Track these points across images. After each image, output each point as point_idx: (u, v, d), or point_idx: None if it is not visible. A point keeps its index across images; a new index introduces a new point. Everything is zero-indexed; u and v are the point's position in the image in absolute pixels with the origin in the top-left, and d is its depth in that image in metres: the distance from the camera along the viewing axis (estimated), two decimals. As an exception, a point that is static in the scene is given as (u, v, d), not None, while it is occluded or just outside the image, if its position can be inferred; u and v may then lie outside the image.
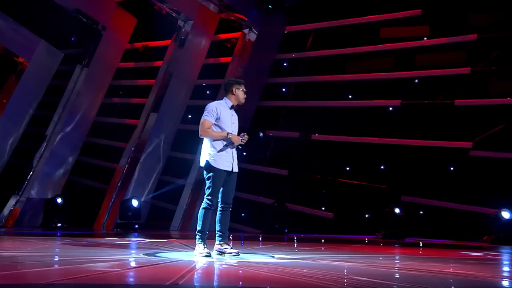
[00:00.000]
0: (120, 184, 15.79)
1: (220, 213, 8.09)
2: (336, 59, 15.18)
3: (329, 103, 14.99)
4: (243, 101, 8.30)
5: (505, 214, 11.98)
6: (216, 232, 8.10)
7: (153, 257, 8.27)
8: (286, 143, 15.30)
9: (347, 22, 14.97)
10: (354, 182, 14.49)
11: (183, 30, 15.74)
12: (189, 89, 15.66)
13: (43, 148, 15.49)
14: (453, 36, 13.73)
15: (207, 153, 8.08)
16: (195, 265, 7.31)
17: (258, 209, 14.89)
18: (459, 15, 13.71)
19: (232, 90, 8.13)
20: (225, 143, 8.13)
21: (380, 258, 9.55)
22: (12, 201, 15.12)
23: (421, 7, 13.97)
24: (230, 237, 8.99)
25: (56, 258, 8.55)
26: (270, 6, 14.76)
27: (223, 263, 7.64)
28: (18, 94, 15.57)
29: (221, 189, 8.18)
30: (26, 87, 15.62)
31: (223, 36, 16.05)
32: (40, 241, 11.61)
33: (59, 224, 14.41)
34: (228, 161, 8.13)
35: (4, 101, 15.80)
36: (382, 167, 14.37)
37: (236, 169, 8.25)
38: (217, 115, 8.01)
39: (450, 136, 13.42)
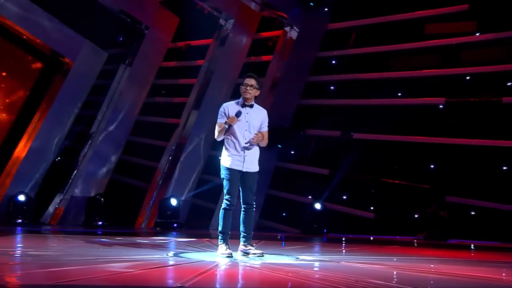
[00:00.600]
0: (160, 183, 15.95)
1: (243, 214, 8.15)
2: (380, 56, 15.07)
3: (371, 101, 14.81)
4: (244, 95, 8.11)
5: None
6: (240, 232, 8.16)
7: (175, 257, 8.37)
8: (327, 142, 15.12)
9: (391, 19, 14.82)
10: (396, 181, 14.35)
11: (224, 29, 15.75)
12: (230, 87, 15.61)
13: (87, 147, 15.60)
14: (501, 31, 13.33)
15: (222, 154, 8.26)
16: (211, 266, 7.32)
17: (297, 209, 14.87)
18: (507, 9, 13.29)
19: (241, 86, 8.21)
20: (234, 144, 8.06)
21: (412, 260, 9.33)
22: (57, 199, 15.41)
23: (468, 2, 13.60)
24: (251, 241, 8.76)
25: (75, 258, 8.54)
26: (311, 4, 14.68)
27: (240, 264, 7.70)
28: (64, 94, 15.80)
29: (240, 190, 8.21)
30: (71, 87, 15.83)
31: (265, 34, 16.06)
32: (75, 239, 11.79)
33: (100, 223, 14.64)
34: (239, 161, 8.10)
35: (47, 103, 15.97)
36: (425, 166, 14.14)
37: (250, 169, 8.19)
38: (225, 114, 8.01)
39: (498, 134, 13.04)
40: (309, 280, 6.69)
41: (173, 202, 14.80)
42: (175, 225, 14.61)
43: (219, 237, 8.15)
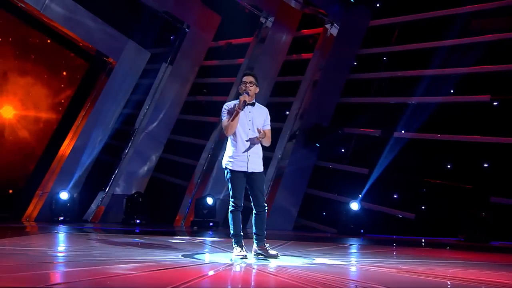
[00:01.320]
0: (199, 182, 16.11)
1: (255, 217, 8.18)
2: (423, 52, 14.75)
3: (413, 99, 14.45)
4: (244, 90, 8.00)
5: None
6: (253, 234, 8.21)
7: (187, 258, 8.38)
8: (367, 140, 15.01)
9: (436, 14, 14.58)
10: (438, 182, 14.02)
11: (264, 27, 16.02)
12: (270, 85, 15.78)
13: (129, 146, 16.09)
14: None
15: (225, 155, 8.32)
16: (217, 269, 7.38)
17: (335, 208, 14.74)
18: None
19: (240, 85, 8.21)
20: (238, 144, 8.05)
21: (432, 263, 9.10)
22: (99, 198, 15.96)
23: None
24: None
25: (83, 258, 8.58)
26: (352, 0, 14.58)
27: (243, 267, 7.66)
28: (107, 93, 16.57)
29: (250, 193, 8.24)
30: (114, 86, 16.62)
31: (305, 31, 15.97)
32: (102, 238, 12.09)
33: (138, 221, 14.85)
34: (243, 161, 8.09)
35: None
36: (470, 166, 13.70)
37: (255, 170, 8.16)
38: (227, 110, 8.07)
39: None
40: (304, 284, 6.44)
41: (209, 201, 14.91)
42: (211, 224, 14.75)
43: (233, 240, 8.19)
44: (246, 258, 8.03)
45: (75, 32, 16.09)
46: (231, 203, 8.12)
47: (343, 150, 15.77)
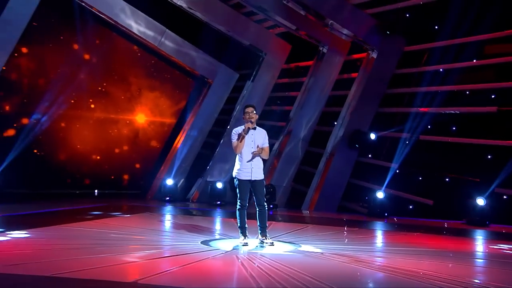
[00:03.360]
0: (269, 169, 16.09)
1: (258, 213, 8.48)
2: (447, 72, 14.82)
3: (441, 109, 14.58)
4: (249, 118, 8.35)
5: None
6: (258, 226, 8.55)
7: (201, 245, 8.71)
8: (397, 142, 14.96)
9: (454, 42, 14.57)
10: (453, 175, 14.20)
11: (322, 53, 16.26)
12: (325, 98, 16.27)
13: (220, 143, 17.09)
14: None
15: (234, 167, 8.58)
16: (208, 257, 7.72)
17: (369, 195, 14.66)
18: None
19: (243, 115, 8.51)
20: (243, 159, 8.35)
21: (397, 251, 9.02)
22: (197, 183, 16.74)
23: None
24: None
25: (113, 241, 8.95)
26: (388, 32, 14.99)
27: (238, 254, 7.95)
28: (207, 103, 17.47)
29: (253, 195, 8.51)
30: (212, 98, 17.44)
31: (353, 56, 16.28)
32: (173, 218, 12.52)
33: (219, 202, 15.27)
34: (248, 172, 8.40)
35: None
36: (479, 162, 13.81)
37: (257, 178, 8.45)
38: (234, 135, 8.36)
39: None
40: (260, 271, 6.82)
41: (271, 188, 15.03)
42: (271, 206, 14.52)
43: (239, 231, 8.58)
44: (247, 245, 8.41)
45: (183, 60, 17.01)
46: (238, 203, 8.47)
47: (379, 149, 15.54)
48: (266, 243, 8.45)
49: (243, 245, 8.37)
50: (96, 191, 17.94)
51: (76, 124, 17.41)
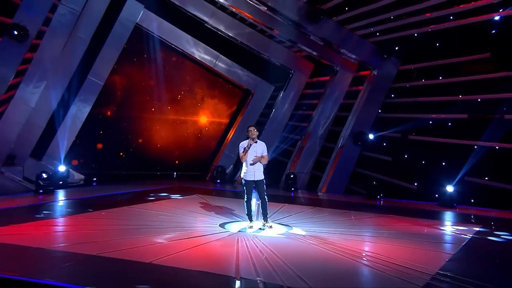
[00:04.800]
0: (294, 160, 16.52)
1: (261, 204, 8.68)
2: (431, 87, 14.85)
3: (425, 116, 14.36)
4: (252, 136, 8.49)
5: None
6: (261, 214, 8.71)
7: (217, 227, 8.65)
8: (393, 140, 15.06)
9: (438, 63, 14.46)
10: (432, 166, 13.90)
11: (335, 71, 16.21)
12: (337, 105, 16.15)
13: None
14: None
15: (242, 171, 8.70)
16: (216, 239, 7.69)
17: (367, 181, 14.74)
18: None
19: (247, 133, 8.63)
20: (248, 164, 8.45)
21: (359, 233, 8.91)
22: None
23: (489, 52, 13.19)
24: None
25: (143, 223, 8.75)
26: (385, 56, 14.86)
27: (240, 236, 7.95)
28: (250, 109, 17.70)
29: (256, 191, 8.58)
30: (255, 105, 17.74)
31: (360, 73, 16.10)
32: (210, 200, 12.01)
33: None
34: (251, 175, 8.48)
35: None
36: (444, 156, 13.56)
37: (259, 178, 8.51)
38: (241, 148, 8.54)
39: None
40: (246, 252, 6.85)
41: (292, 175, 15.37)
42: (292, 188, 14.99)
43: (247, 217, 8.69)
44: (252, 227, 8.53)
45: (232, 77, 17.47)
46: (245, 197, 8.58)
47: (378, 145, 15.26)
48: (267, 226, 8.61)
49: (249, 227, 8.55)
50: (174, 173, 18.24)
51: (156, 126, 18.23)
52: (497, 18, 12.61)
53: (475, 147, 13.09)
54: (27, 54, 13.32)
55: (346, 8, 14.64)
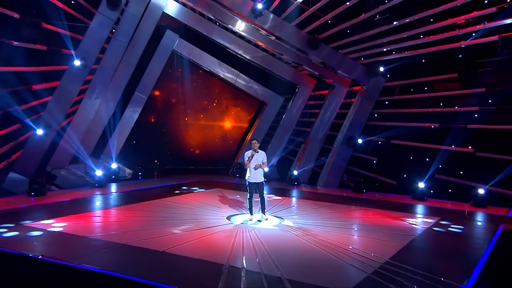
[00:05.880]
0: (299, 158, 16.16)
1: (260, 201, 8.71)
2: (409, 100, 14.81)
3: (405, 124, 14.25)
4: (254, 147, 8.52)
5: None
6: (260, 209, 8.75)
7: (224, 220, 8.40)
8: (377, 144, 15.09)
9: (415, 81, 14.60)
10: (408, 165, 13.90)
11: (332, 86, 15.96)
12: (334, 113, 15.83)
13: (271, 141, 16.84)
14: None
15: (246, 175, 8.72)
16: (220, 230, 7.47)
17: (357, 177, 14.48)
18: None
19: (250, 144, 8.74)
20: (251, 170, 8.54)
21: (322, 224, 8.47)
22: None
23: (457, 72, 13.26)
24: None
25: (167, 215, 8.53)
26: (372, 75, 14.85)
27: (241, 228, 7.79)
28: (264, 117, 17.48)
29: (258, 191, 8.60)
30: (268, 114, 17.58)
31: (353, 88, 15.93)
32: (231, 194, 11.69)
33: (265, 180, 13.22)
34: (254, 178, 8.56)
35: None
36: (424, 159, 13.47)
37: (259, 181, 8.55)
38: (246, 156, 8.63)
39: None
40: (241, 243, 6.63)
41: (295, 173, 15.25)
42: (295, 183, 15.00)
43: (248, 211, 8.70)
44: (252, 220, 8.51)
45: (250, 91, 17.47)
46: (248, 195, 8.65)
47: (366, 148, 15.17)
48: (263, 218, 8.65)
49: (249, 220, 8.57)
50: (207, 167, 18.17)
51: (190, 131, 18.51)
52: (463, 46, 12.63)
53: (441, 150, 13.13)
54: (87, 77, 13.82)
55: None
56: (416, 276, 5.95)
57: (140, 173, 15.67)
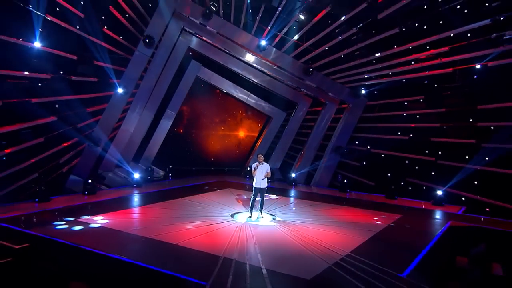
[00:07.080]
0: (297, 162, 16.03)
1: (260, 201, 8.71)
2: (388, 117, 14.71)
3: (382, 136, 14.31)
4: (258, 160, 8.51)
5: None
6: (259, 208, 8.71)
7: (228, 217, 8.08)
8: (361, 152, 15.00)
9: (391, 100, 14.53)
10: (385, 171, 13.91)
11: (326, 104, 15.74)
12: (325, 127, 15.75)
13: (275, 148, 16.80)
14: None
15: (253, 181, 8.74)
16: (223, 227, 7.13)
17: (342, 179, 14.13)
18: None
19: (257, 157, 8.73)
20: (256, 178, 8.51)
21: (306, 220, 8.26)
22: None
23: (424, 95, 13.25)
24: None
25: (184, 212, 8.21)
26: (356, 96, 14.83)
27: (241, 224, 7.55)
28: (270, 130, 17.53)
29: (259, 194, 8.59)
30: (272, 127, 17.54)
31: (341, 106, 15.77)
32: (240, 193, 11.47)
33: (294, 183, 14.34)
34: (258, 184, 8.55)
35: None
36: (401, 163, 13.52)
37: (262, 186, 8.50)
38: (253, 167, 8.62)
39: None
40: (238, 239, 6.42)
41: (293, 175, 15.18)
42: (293, 183, 14.63)
43: (249, 210, 8.63)
44: (251, 217, 8.43)
45: (258, 108, 17.41)
46: (251, 198, 8.66)
47: (351, 155, 15.12)
48: (260, 216, 8.64)
49: (249, 217, 8.58)
50: (226, 169, 17.89)
51: (211, 141, 18.40)
52: (428, 74, 12.68)
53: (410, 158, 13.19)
54: (129, 99, 14.35)
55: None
56: (366, 266, 6.13)
57: (170, 174, 15.98)
